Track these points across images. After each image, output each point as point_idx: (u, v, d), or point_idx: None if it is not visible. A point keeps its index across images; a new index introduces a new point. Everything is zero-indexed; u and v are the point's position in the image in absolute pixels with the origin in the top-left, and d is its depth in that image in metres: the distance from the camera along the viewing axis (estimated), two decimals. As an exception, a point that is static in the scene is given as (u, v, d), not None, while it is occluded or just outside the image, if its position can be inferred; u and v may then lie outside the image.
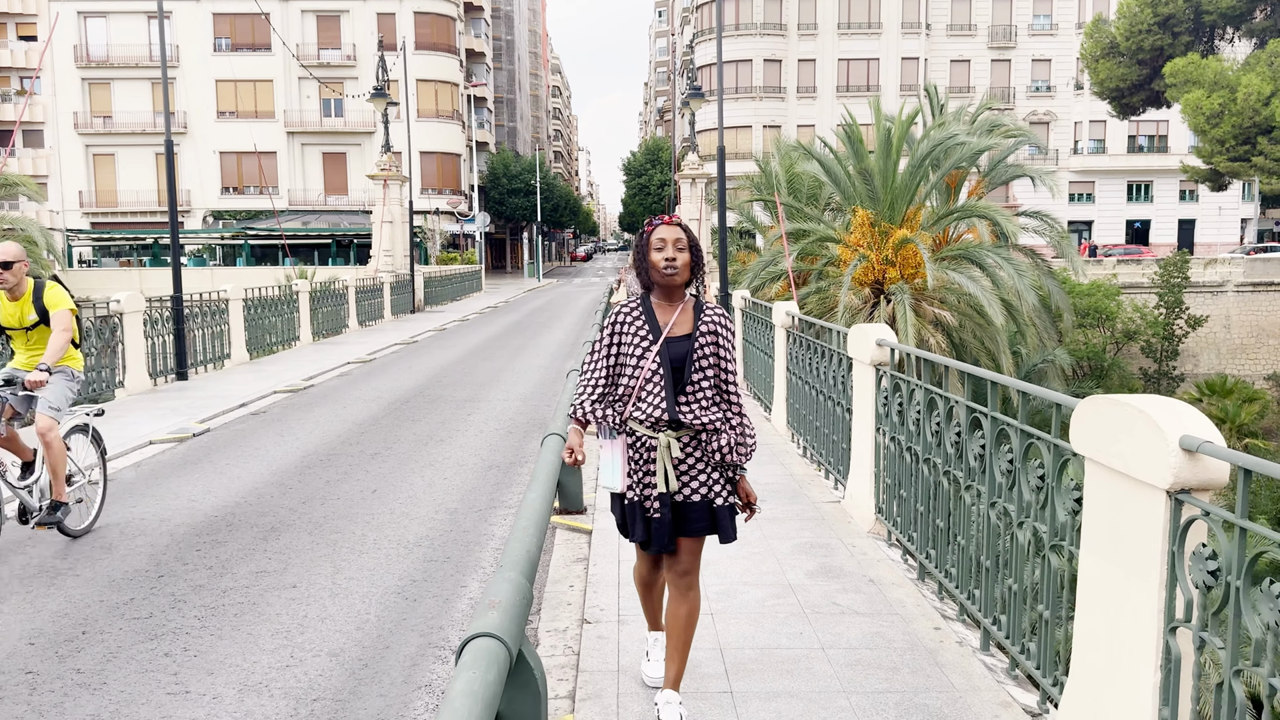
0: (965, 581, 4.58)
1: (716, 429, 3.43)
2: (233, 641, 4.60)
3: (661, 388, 3.41)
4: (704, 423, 3.41)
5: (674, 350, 3.43)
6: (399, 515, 6.79)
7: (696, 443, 3.45)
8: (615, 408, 3.51)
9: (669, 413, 3.39)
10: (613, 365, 3.53)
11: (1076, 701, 3.35)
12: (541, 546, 3.83)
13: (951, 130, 19.19)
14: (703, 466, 3.45)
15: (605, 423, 3.50)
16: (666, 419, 3.39)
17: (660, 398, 3.40)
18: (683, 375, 3.41)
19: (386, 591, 5.27)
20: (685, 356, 3.41)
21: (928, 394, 5.01)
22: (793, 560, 5.55)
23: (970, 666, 4.14)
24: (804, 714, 3.70)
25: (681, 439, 3.43)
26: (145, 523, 6.65)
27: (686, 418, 3.39)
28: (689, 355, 3.41)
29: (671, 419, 3.39)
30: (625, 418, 3.49)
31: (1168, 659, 2.89)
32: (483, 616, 2.95)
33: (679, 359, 3.41)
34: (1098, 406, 3.18)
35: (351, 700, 4.01)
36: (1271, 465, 2.52)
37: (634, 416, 3.45)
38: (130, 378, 12.60)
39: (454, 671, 2.65)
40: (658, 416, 3.40)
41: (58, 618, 4.93)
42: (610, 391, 3.55)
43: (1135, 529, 2.99)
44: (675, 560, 3.51)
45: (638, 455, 3.47)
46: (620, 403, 3.51)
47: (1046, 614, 3.69)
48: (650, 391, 3.42)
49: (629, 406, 3.47)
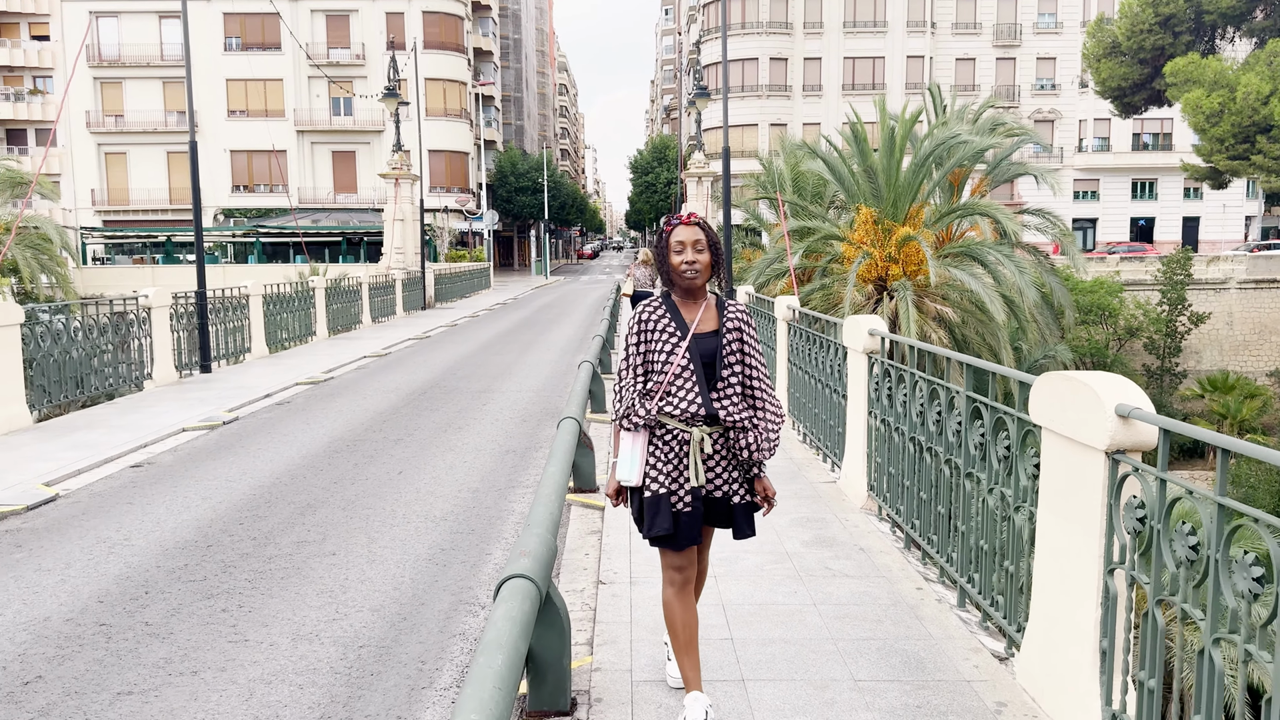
0: (945, 546, 5.05)
1: (744, 427, 3.47)
2: (282, 599, 5.10)
3: (694, 383, 3.44)
4: (738, 419, 3.45)
5: (702, 346, 3.47)
6: (424, 494, 7.28)
7: (724, 440, 3.50)
8: (646, 404, 3.51)
9: (705, 407, 3.42)
10: (642, 364, 3.55)
11: (1034, 641, 3.82)
12: (561, 511, 4.31)
13: (954, 129, 19.54)
14: (726, 465, 3.51)
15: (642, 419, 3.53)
16: (703, 414, 3.43)
17: (694, 393, 3.43)
18: (713, 371, 3.46)
19: (418, 558, 5.76)
20: (714, 352, 3.47)
21: (913, 378, 5.48)
22: (790, 532, 6.03)
23: (947, 619, 4.61)
24: (795, 657, 4.17)
25: (714, 434, 3.48)
26: (189, 500, 7.15)
27: (722, 413, 3.44)
28: (718, 351, 3.47)
29: (709, 413, 3.43)
30: (656, 413, 3.49)
31: (1106, 597, 3.36)
32: (515, 562, 3.43)
33: (708, 355, 3.46)
34: (1051, 381, 3.64)
35: (394, 646, 4.50)
36: (1187, 426, 2.99)
37: (666, 411, 3.46)
38: (158, 369, 13.12)
39: (493, 605, 3.13)
40: (694, 411, 3.42)
41: (121, 580, 5.43)
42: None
43: (1080, 486, 3.46)
44: (700, 553, 3.67)
45: (668, 449, 3.48)
46: (648, 398, 3.51)
47: (1011, 568, 4.16)
48: (681, 387, 3.45)
49: (658, 401, 3.48)
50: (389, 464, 8.30)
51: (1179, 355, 41.22)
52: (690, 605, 3.55)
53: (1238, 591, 2.64)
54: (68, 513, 6.87)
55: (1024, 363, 25.55)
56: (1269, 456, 2.54)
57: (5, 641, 4.59)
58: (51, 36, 56.74)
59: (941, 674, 4.02)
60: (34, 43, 57.51)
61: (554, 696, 3.69)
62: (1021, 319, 20.24)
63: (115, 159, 56.24)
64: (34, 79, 57.80)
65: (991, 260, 18.37)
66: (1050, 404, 3.64)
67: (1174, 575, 2.96)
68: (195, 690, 4.06)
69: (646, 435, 3.52)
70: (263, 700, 3.96)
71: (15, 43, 57.16)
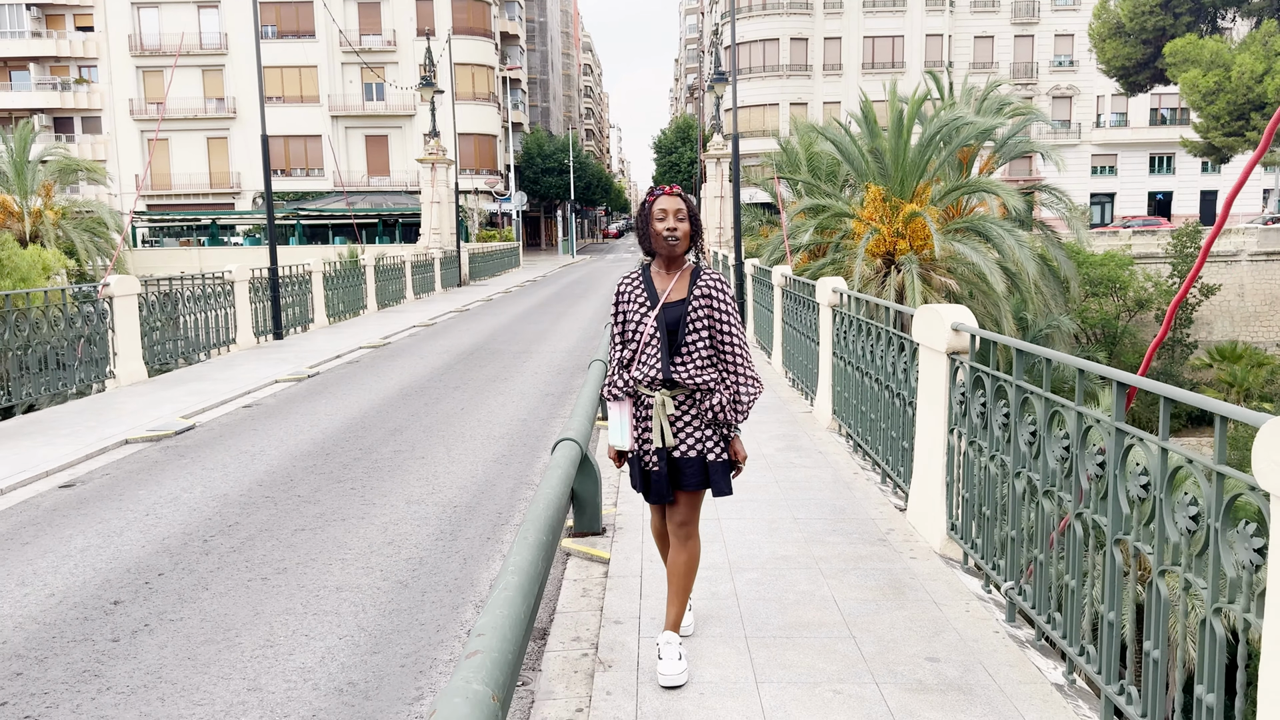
0: (875, 443, 6.86)
1: (710, 389, 3.63)
2: (392, 482, 7.01)
3: (658, 350, 3.63)
4: (698, 382, 3.61)
5: (669, 314, 3.63)
6: (484, 422, 9.18)
7: (691, 401, 3.66)
8: (624, 375, 3.73)
9: (663, 372, 3.61)
10: (622, 334, 3.76)
11: (914, 489, 5.64)
12: (594, 417, 6.15)
13: (959, 111, 20.92)
14: (697, 424, 3.66)
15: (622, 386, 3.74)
16: (661, 378, 3.62)
17: (656, 358, 3.63)
18: (677, 337, 3.62)
19: (486, 460, 7.66)
20: (679, 320, 3.62)
21: (855, 323, 7.27)
22: (769, 444, 7.85)
23: (870, 490, 6.43)
24: (756, 513, 5.99)
25: (676, 397, 3.65)
26: (300, 427, 9.10)
27: (680, 377, 3.60)
28: (682, 318, 3.62)
29: (666, 378, 3.62)
30: (629, 380, 3.71)
31: (948, 449, 5.16)
32: (565, 430, 5.29)
33: (674, 322, 3.62)
34: (922, 312, 5.43)
35: (477, 506, 6.39)
36: (991, 334, 4.76)
37: (634, 377, 3.68)
38: (240, 335, 15.13)
39: (551, 457, 4.97)
40: (654, 376, 3.63)
41: (269, 473, 7.37)
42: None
43: (936, 378, 5.26)
44: (674, 511, 3.77)
45: (638, 413, 3.72)
46: (626, 369, 3.73)
47: (905, 445, 5.97)
48: (648, 354, 3.65)
49: (633, 371, 3.69)
50: (452, 403, 10.21)
51: (1190, 326, 42.21)
52: (668, 552, 3.88)
53: (995, 428, 4.43)
54: (206, 436, 8.82)
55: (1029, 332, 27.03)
56: (1066, 359, 4.31)
57: (203, 506, 6.54)
58: (95, 27, 59.03)
59: (856, 515, 5.85)
60: (79, 34, 59.90)
61: (591, 523, 5.57)
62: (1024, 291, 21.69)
63: (158, 145, 58.51)
64: (79, 68, 60.27)
65: (995, 235, 19.80)
66: (922, 328, 5.43)
67: (974, 425, 4.76)
68: (348, 528, 5.98)
69: (630, 402, 3.76)
70: (395, 531, 5.88)
71: (61, 34, 59.62)
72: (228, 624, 4.57)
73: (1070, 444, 3.67)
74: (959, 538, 5.04)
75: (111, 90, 57.78)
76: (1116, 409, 3.38)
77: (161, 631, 4.50)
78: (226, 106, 56.09)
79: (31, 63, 58.91)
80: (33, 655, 4.28)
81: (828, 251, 21.66)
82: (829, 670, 3.82)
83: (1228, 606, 2.74)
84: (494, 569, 5.25)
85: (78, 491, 6.99)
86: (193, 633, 4.48)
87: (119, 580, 5.18)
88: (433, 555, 5.49)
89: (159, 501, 6.67)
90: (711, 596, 4.57)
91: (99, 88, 58.39)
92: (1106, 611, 3.44)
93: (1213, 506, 2.77)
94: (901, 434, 6.09)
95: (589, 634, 4.23)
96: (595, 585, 4.84)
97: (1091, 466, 3.50)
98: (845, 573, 4.89)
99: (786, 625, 4.25)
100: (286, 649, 4.28)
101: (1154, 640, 3.14)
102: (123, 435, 8.69)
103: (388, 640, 4.37)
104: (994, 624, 4.26)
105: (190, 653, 4.27)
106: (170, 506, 6.54)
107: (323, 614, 4.67)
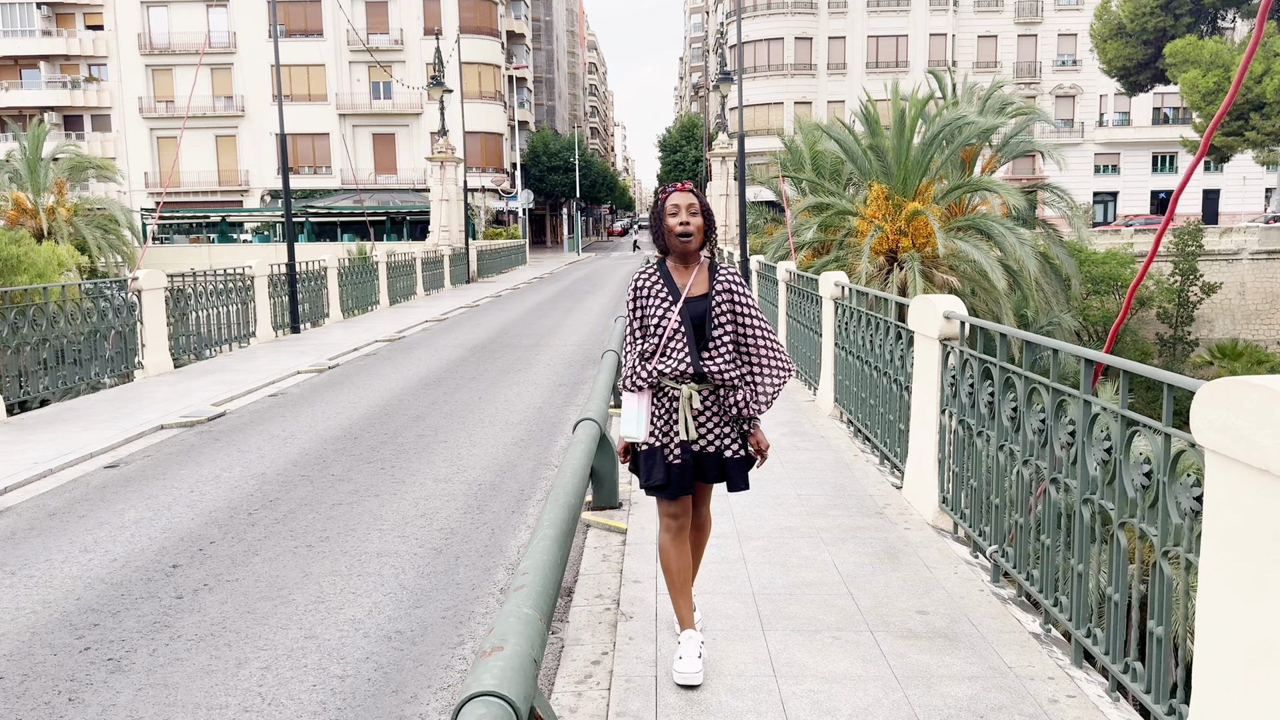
0: (874, 427, 7.27)
1: (734, 385, 3.68)
2: (419, 463, 7.45)
3: (685, 344, 3.64)
4: (727, 377, 3.65)
5: (693, 309, 3.66)
6: (501, 409, 9.62)
7: (715, 397, 3.70)
8: (646, 366, 3.71)
9: (693, 366, 3.62)
10: (639, 329, 3.76)
11: (910, 467, 6.06)
12: (609, 402, 6.57)
13: (961, 110, 21.28)
14: (718, 421, 3.71)
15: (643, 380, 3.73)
16: (691, 372, 3.63)
17: (685, 352, 3.63)
18: (703, 332, 3.65)
19: (506, 443, 8.09)
20: (704, 314, 3.65)
21: (856, 314, 7.68)
22: (774, 430, 8.27)
23: (868, 469, 6.86)
24: (762, 490, 6.40)
25: (702, 391, 3.68)
26: (325, 414, 9.54)
27: (710, 370, 3.64)
28: (708, 313, 3.65)
29: (696, 372, 3.63)
30: (653, 372, 3.69)
31: (940, 428, 5.58)
32: (585, 413, 5.71)
33: (699, 317, 3.65)
34: (916, 302, 5.84)
35: (500, 484, 6.83)
36: (978, 320, 5.18)
37: (659, 370, 3.66)
38: (259, 329, 15.58)
39: (573, 434, 5.40)
40: (683, 370, 3.63)
41: (302, 454, 7.81)
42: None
43: (929, 363, 5.68)
44: (692, 502, 3.84)
45: (661, 406, 3.71)
46: (647, 361, 3.71)
47: (902, 427, 6.39)
48: (674, 348, 3.65)
49: (655, 362, 3.68)
50: (470, 392, 10.65)
51: (1192, 324, 42.49)
52: (685, 551, 3.82)
53: (982, 407, 4.85)
54: (237, 423, 9.27)
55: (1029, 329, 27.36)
56: (1041, 340, 4.73)
57: (244, 484, 6.98)
58: (105, 25, 59.54)
59: (855, 492, 6.28)
60: (89, 32, 60.43)
61: (609, 497, 6.00)
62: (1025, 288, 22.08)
63: (166, 143, 59.05)
64: (89, 67, 60.82)
65: (997, 233, 20.17)
66: (917, 316, 5.85)
67: (963, 405, 5.18)
68: (383, 501, 6.42)
69: (649, 394, 3.74)
70: (427, 505, 6.31)
71: (71, 32, 60.18)
72: (280, 584, 5.01)
73: (1046, 417, 4.09)
74: (950, 509, 5.46)
75: (121, 88, 58.27)
76: (1084, 383, 3.80)
77: (220, 590, 4.94)
78: (235, 105, 56.60)
79: (42, 61, 59.49)
80: (106, 609, 4.72)
81: (831, 249, 22.09)
82: (828, 620, 4.25)
83: (1174, 548, 3.16)
84: (521, 538, 5.69)
85: (122, 471, 7.44)
86: (249, 591, 4.92)
87: (174, 548, 5.62)
88: (463, 526, 5.92)
89: (201, 480, 7.11)
90: (721, 561, 5.00)
91: (108, 86, 58.94)
92: (1076, 564, 3.86)
93: (1162, 463, 3.19)
94: (898, 417, 6.51)
95: (610, 592, 4.67)
96: (614, 552, 5.27)
97: (1064, 436, 3.92)
98: (844, 541, 5.32)
99: (790, 585, 4.68)
100: (336, 604, 4.72)
101: (1115, 586, 3.56)
102: (158, 421, 9.14)
103: (428, 597, 4.81)
104: (980, 584, 4.68)
105: (249, 607, 4.71)
106: (213, 484, 6.98)
107: (366, 575, 5.10)
